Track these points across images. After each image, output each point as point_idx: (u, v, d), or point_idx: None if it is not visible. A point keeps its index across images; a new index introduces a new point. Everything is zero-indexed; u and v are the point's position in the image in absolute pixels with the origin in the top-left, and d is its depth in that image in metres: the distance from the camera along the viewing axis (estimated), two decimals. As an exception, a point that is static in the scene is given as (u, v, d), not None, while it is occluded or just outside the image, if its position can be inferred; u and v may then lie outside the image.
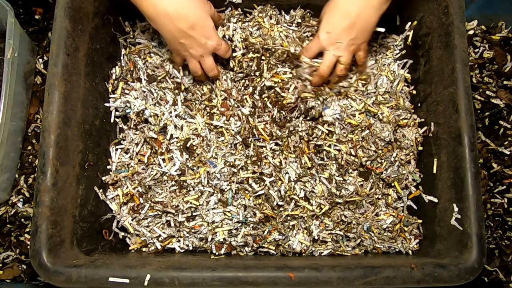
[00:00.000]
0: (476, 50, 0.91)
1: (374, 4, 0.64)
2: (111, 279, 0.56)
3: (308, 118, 0.73)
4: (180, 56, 0.71)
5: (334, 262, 0.65)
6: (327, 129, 0.73)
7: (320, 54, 0.71)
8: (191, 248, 0.71)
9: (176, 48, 0.68)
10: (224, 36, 0.75)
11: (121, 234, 0.71)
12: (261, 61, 0.74)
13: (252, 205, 0.69)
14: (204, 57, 0.69)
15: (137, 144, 0.73)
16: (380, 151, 0.73)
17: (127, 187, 0.71)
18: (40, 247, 0.57)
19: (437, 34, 0.71)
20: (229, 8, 0.79)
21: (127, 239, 0.72)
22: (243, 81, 0.75)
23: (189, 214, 0.70)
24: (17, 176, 0.85)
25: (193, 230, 0.70)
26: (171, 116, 0.72)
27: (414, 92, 0.77)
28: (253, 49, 0.74)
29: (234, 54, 0.74)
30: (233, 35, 0.75)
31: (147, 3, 0.62)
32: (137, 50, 0.77)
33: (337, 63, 0.70)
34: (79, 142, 0.65)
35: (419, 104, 0.76)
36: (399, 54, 0.79)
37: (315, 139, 0.73)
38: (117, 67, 0.76)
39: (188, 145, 0.71)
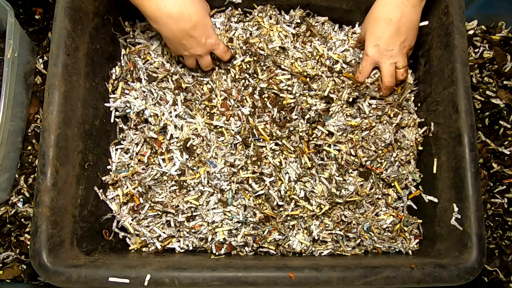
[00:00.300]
0: (476, 50, 0.91)
1: (413, 2, 0.63)
2: (111, 279, 0.56)
3: (310, 121, 0.73)
4: (179, 54, 0.72)
5: (334, 262, 0.65)
6: (327, 130, 0.73)
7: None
8: (191, 248, 0.71)
9: (176, 47, 0.69)
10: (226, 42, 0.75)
11: (121, 234, 0.71)
12: (257, 65, 0.75)
13: (252, 205, 0.69)
14: (202, 56, 0.70)
15: (137, 144, 0.73)
16: (380, 151, 0.73)
17: (127, 187, 0.71)
18: (40, 247, 0.57)
19: (437, 34, 0.71)
20: (229, 8, 0.79)
21: (127, 239, 0.72)
22: (243, 81, 0.75)
23: (189, 214, 0.70)
24: (17, 176, 0.85)
25: (193, 230, 0.70)
26: (171, 116, 0.72)
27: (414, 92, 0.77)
28: (250, 53, 0.74)
29: (234, 62, 0.75)
30: (233, 35, 0.75)
31: (150, 4, 0.62)
32: (137, 50, 0.77)
33: (396, 69, 0.69)
34: (79, 142, 0.65)
35: (419, 104, 0.76)
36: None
37: (315, 139, 0.73)
38: (117, 67, 0.76)
39: (188, 145, 0.71)
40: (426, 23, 0.71)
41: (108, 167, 0.73)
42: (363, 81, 0.71)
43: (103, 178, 0.70)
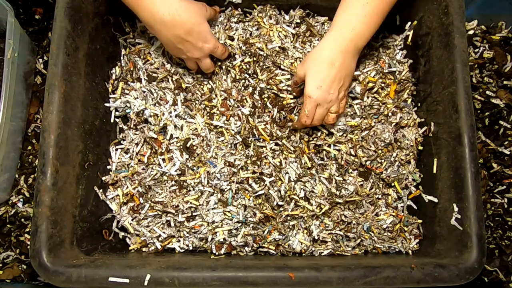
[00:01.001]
0: (476, 50, 0.91)
1: (353, 53, 0.66)
2: (111, 279, 0.56)
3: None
4: (178, 57, 0.73)
5: (334, 262, 0.65)
6: (327, 130, 0.73)
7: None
8: (191, 248, 0.71)
9: (174, 51, 0.70)
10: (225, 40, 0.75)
11: (121, 234, 0.71)
12: (257, 65, 0.75)
13: (252, 205, 0.69)
14: (201, 59, 0.71)
15: (137, 144, 0.73)
16: (380, 151, 0.73)
17: (127, 187, 0.71)
18: (40, 247, 0.57)
19: (437, 34, 0.71)
20: (229, 8, 0.79)
21: (127, 239, 0.72)
22: (243, 81, 0.75)
23: (189, 214, 0.70)
24: (17, 176, 0.85)
25: (193, 230, 0.70)
26: (171, 116, 0.72)
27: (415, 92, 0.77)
28: (249, 53, 0.74)
29: (234, 62, 0.75)
30: (233, 35, 0.75)
31: (144, 11, 0.63)
32: (137, 50, 0.77)
33: (328, 112, 0.69)
34: (79, 142, 0.65)
35: (419, 104, 0.76)
36: (399, 54, 0.79)
37: (315, 139, 0.73)
38: (117, 67, 0.76)
39: (188, 145, 0.71)
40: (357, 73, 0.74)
41: (108, 167, 0.73)
42: (310, 124, 0.69)
43: (103, 178, 0.70)
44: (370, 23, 0.64)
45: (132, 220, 0.71)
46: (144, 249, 0.71)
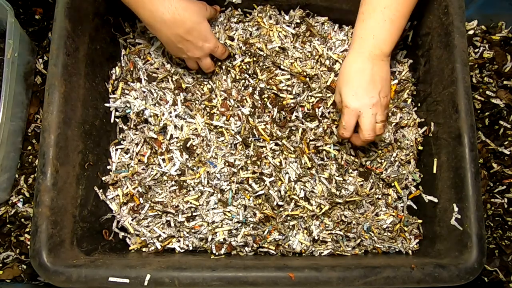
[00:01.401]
0: (476, 50, 0.91)
1: (381, 57, 0.63)
2: (111, 279, 0.56)
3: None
4: (179, 57, 0.73)
5: (334, 262, 0.65)
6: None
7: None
8: (191, 248, 0.71)
9: (174, 51, 0.69)
10: (225, 40, 0.75)
11: (121, 234, 0.71)
12: (257, 65, 0.75)
13: (252, 205, 0.69)
14: (201, 59, 0.70)
15: (137, 144, 0.73)
16: (380, 151, 0.73)
17: (127, 187, 0.71)
18: (40, 247, 0.57)
19: (437, 34, 0.71)
20: (229, 8, 0.79)
21: (127, 239, 0.72)
22: (243, 81, 0.75)
23: (189, 214, 0.70)
24: (17, 176, 0.85)
25: (193, 230, 0.70)
26: (171, 116, 0.72)
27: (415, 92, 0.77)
28: (249, 53, 0.74)
29: (234, 62, 0.75)
30: (233, 35, 0.75)
31: (144, 10, 0.63)
32: (137, 51, 0.77)
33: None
34: (79, 142, 0.65)
35: (419, 104, 0.76)
36: (399, 54, 0.79)
37: (315, 139, 0.73)
38: (117, 67, 0.76)
39: (188, 145, 0.71)
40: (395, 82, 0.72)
41: (108, 167, 0.73)
42: (349, 136, 0.65)
43: (103, 178, 0.70)
44: (392, 27, 0.62)
45: (132, 220, 0.71)
46: (144, 249, 0.71)
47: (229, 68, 0.75)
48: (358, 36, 0.63)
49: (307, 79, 0.75)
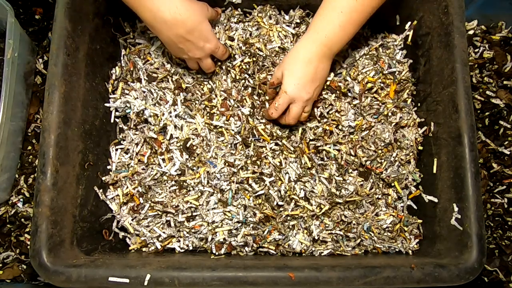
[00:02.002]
0: (476, 50, 0.91)
1: (328, 56, 0.68)
2: (111, 279, 0.56)
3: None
4: (179, 57, 0.73)
5: (334, 262, 0.65)
6: (327, 129, 0.73)
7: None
8: (191, 248, 0.71)
9: (175, 51, 0.69)
10: (225, 40, 0.75)
11: (121, 234, 0.71)
12: (256, 66, 0.75)
13: (252, 205, 0.69)
14: (202, 59, 0.70)
15: (137, 144, 0.73)
16: (380, 151, 0.73)
17: (127, 187, 0.71)
18: (40, 247, 0.57)
19: (437, 34, 0.71)
20: (229, 8, 0.79)
21: (127, 239, 0.72)
22: (243, 81, 0.75)
23: (189, 214, 0.70)
24: (17, 176, 0.85)
25: (193, 230, 0.70)
26: (171, 116, 0.72)
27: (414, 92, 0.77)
28: (249, 54, 0.74)
29: (234, 62, 0.75)
30: (233, 35, 0.75)
31: (145, 10, 0.63)
32: (137, 51, 0.77)
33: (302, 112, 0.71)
34: (79, 142, 0.65)
35: (419, 104, 0.76)
36: (399, 54, 0.79)
37: (315, 139, 0.73)
38: (117, 67, 0.76)
39: (188, 145, 0.71)
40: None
41: (108, 167, 0.73)
42: (276, 118, 0.70)
43: (103, 178, 0.70)
44: (344, 32, 0.66)
45: (132, 220, 0.71)
46: (144, 249, 0.71)
47: (229, 68, 0.75)
48: (314, 29, 0.67)
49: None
